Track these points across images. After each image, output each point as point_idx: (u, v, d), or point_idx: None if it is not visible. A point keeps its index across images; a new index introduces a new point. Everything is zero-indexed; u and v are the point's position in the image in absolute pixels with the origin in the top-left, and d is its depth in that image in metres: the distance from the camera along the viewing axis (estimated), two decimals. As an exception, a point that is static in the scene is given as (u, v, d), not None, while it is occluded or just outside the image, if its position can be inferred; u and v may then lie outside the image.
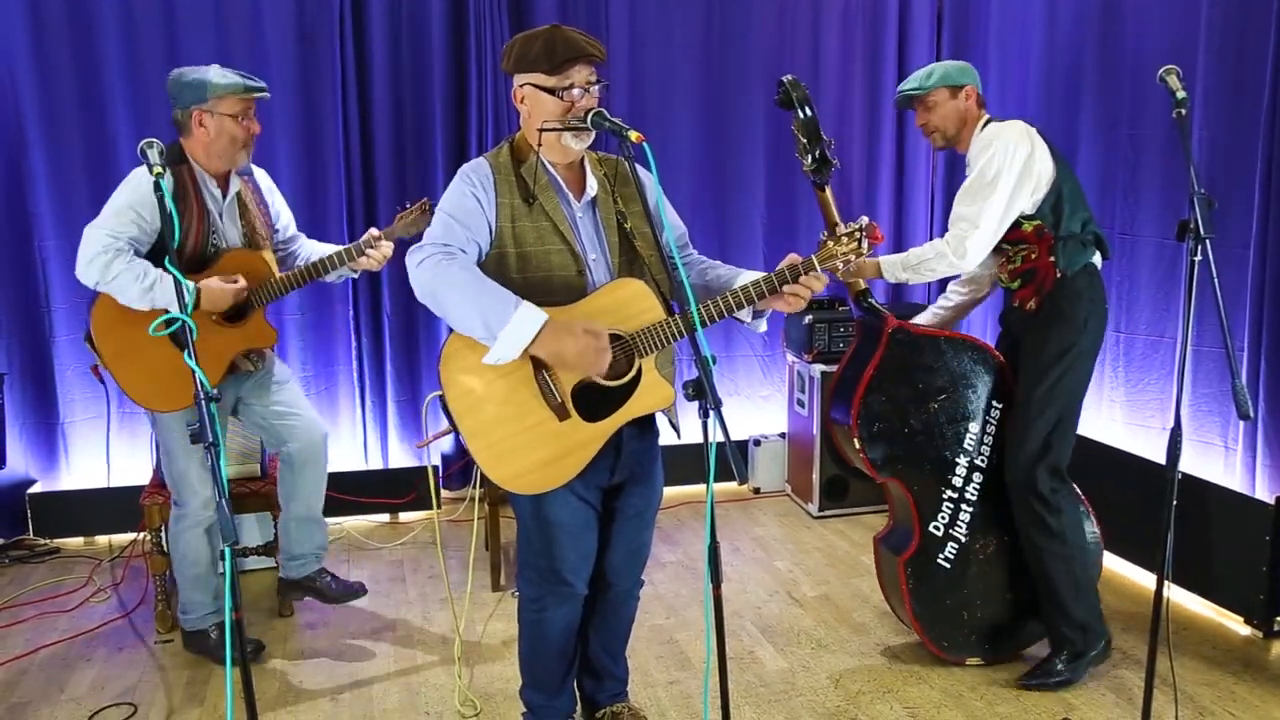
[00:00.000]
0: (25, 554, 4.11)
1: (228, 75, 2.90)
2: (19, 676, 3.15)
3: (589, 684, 2.70)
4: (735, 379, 5.04)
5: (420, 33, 4.39)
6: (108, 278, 2.80)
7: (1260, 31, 3.35)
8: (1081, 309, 2.88)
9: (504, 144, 2.34)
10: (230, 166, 2.99)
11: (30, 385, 4.21)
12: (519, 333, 2.08)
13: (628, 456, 2.39)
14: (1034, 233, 2.92)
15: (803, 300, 2.27)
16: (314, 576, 3.34)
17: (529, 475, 2.23)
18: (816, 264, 2.26)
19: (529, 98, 2.25)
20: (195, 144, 2.94)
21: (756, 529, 4.43)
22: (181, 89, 2.90)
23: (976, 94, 3.05)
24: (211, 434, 1.96)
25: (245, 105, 2.92)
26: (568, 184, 2.32)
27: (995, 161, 2.86)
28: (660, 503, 2.58)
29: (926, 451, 3.03)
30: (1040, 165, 2.88)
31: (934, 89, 3.03)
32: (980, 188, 2.88)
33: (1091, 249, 2.92)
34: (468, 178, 2.25)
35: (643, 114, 4.68)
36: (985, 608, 3.10)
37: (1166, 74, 2.41)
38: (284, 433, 3.21)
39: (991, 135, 2.92)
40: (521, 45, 2.23)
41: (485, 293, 2.11)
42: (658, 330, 2.21)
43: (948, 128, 3.06)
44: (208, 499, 3.09)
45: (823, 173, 2.88)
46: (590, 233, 2.33)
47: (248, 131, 2.93)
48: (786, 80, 2.85)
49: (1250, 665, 3.13)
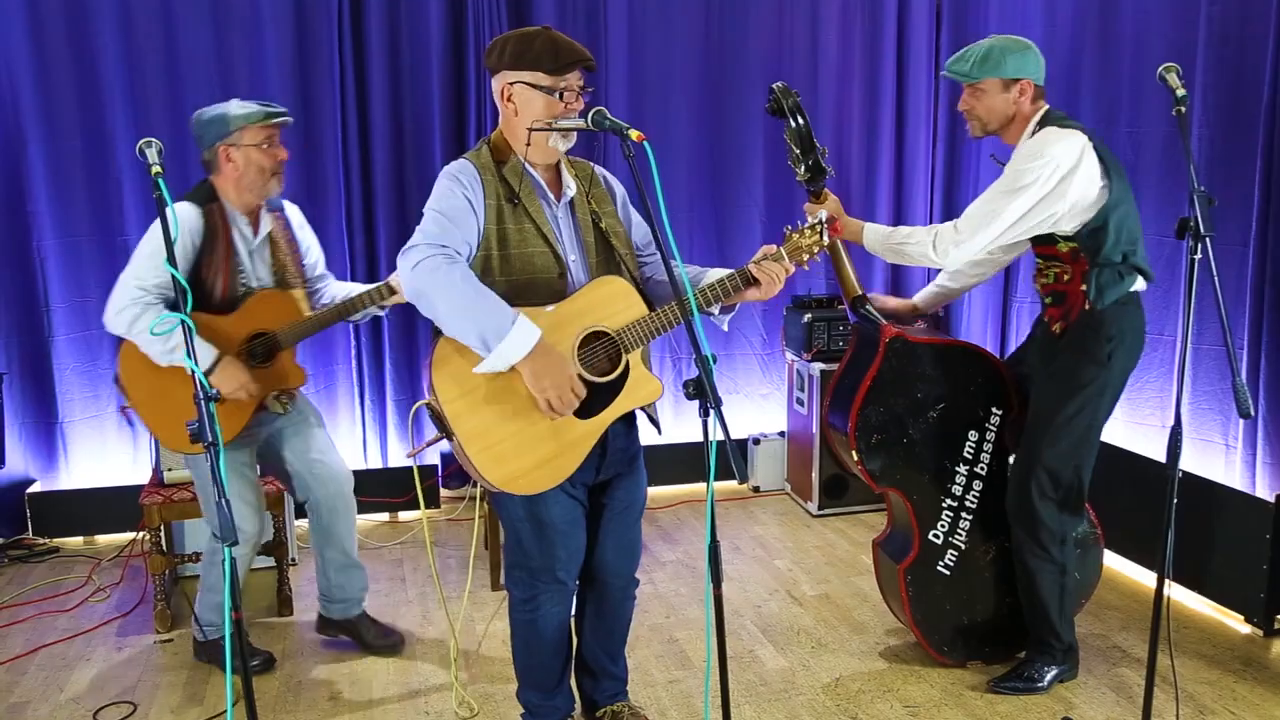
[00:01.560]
0: (24, 553, 4.11)
1: (246, 105, 2.87)
2: (18, 676, 3.15)
3: (588, 684, 2.70)
4: (735, 377, 5.04)
5: (419, 33, 4.39)
6: (133, 332, 2.78)
7: (1260, 28, 3.35)
8: (1105, 345, 2.73)
9: (482, 144, 2.34)
10: (263, 197, 2.94)
11: (29, 385, 4.21)
12: (514, 347, 2.10)
13: (613, 453, 2.41)
14: (1069, 254, 2.77)
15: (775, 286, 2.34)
16: (355, 621, 3.29)
17: (527, 476, 2.24)
18: (785, 254, 2.36)
19: (519, 96, 2.25)
20: (226, 180, 2.89)
21: (756, 528, 4.43)
22: (204, 128, 2.86)
23: (1034, 88, 2.76)
24: (211, 434, 1.96)
25: (269, 133, 2.87)
26: (548, 185, 2.34)
27: (1032, 173, 2.65)
28: (646, 498, 2.59)
29: (925, 461, 3.01)
30: (1081, 189, 2.66)
31: (984, 78, 2.76)
32: (1002, 193, 2.70)
33: (1131, 279, 2.73)
34: (456, 178, 2.24)
35: (641, 113, 4.68)
36: (985, 612, 3.09)
37: (1166, 71, 2.40)
38: (311, 483, 3.14)
39: (1042, 144, 2.67)
40: (518, 43, 2.23)
41: (483, 303, 2.12)
42: (642, 325, 2.25)
43: (990, 121, 2.80)
44: (250, 535, 3.02)
45: (817, 181, 2.85)
46: (570, 233, 2.35)
47: (275, 159, 2.89)
48: (777, 88, 2.81)
49: (1251, 663, 3.13)
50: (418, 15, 4.37)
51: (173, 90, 4.17)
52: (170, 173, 2.17)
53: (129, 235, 4.20)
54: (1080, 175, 2.65)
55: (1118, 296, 2.73)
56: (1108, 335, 2.75)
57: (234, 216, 2.92)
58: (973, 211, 2.77)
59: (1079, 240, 2.73)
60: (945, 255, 2.79)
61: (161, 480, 3.48)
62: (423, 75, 4.42)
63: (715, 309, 2.43)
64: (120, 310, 2.78)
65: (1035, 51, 2.79)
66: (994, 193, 2.74)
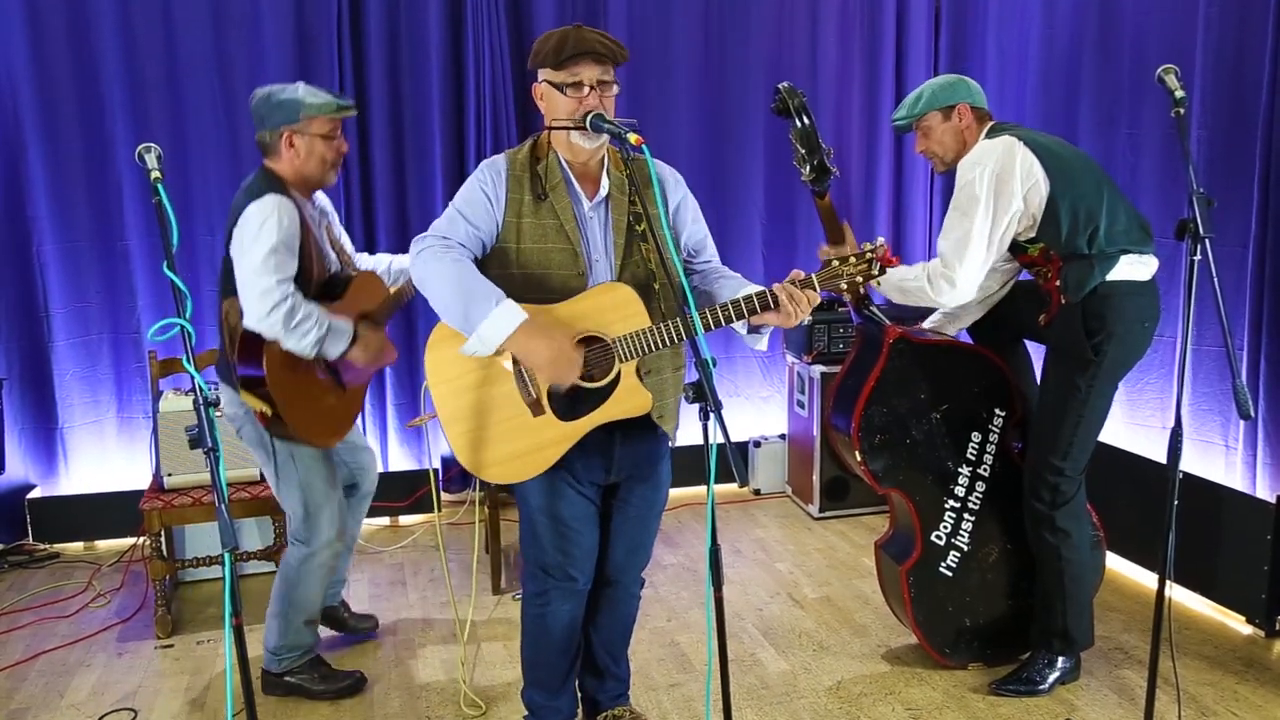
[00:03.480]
0: (25, 559, 4.10)
1: (319, 94, 2.77)
2: (19, 683, 3.14)
3: (591, 684, 2.70)
4: (735, 380, 5.04)
5: (418, 36, 4.39)
6: (290, 326, 2.61)
7: (1258, 30, 3.35)
8: (1088, 337, 2.71)
9: (529, 140, 2.36)
10: (319, 187, 2.89)
11: (29, 390, 4.21)
12: (495, 328, 2.10)
13: (622, 457, 2.39)
14: (1042, 255, 2.78)
15: (796, 316, 2.21)
16: (337, 608, 3.35)
17: (499, 465, 2.26)
18: (817, 283, 2.25)
19: (545, 94, 2.28)
20: (284, 165, 2.78)
21: (757, 531, 4.43)
22: (271, 110, 2.73)
23: (971, 109, 2.84)
24: (210, 439, 1.96)
25: (335, 125, 2.80)
26: (582, 182, 2.32)
27: (972, 186, 2.70)
28: (665, 504, 2.58)
29: (929, 463, 3.01)
30: (1019, 190, 2.68)
31: (924, 114, 2.87)
32: (960, 217, 2.74)
33: (1107, 266, 2.69)
34: (482, 173, 2.30)
35: (641, 117, 4.67)
36: (987, 614, 3.09)
37: (1165, 73, 2.40)
38: (358, 474, 3.23)
39: (971, 160, 2.75)
40: (540, 42, 2.25)
41: (470, 286, 2.14)
42: (640, 336, 2.22)
43: (946, 152, 2.89)
44: (332, 539, 2.92)
45: (822, 182, 2.84)
46: (597, 234, 2.32)
47: (338, 151, 2.82)
48: (783, 88, 2.80)
49: (1253, 664, 3.13)
50: (417, 18, 4.37)
51: (172, 94, 4.17)
52: (169, 178, 2.16)
53: (129, 240, 4.20)
54: (1018, 169, 2.67)
55: (1094, 286, 2.70)
56: (1089, 328, 2.72)
57: (301, 202, 2.82)
58: (944, 247, 2.79)
59: (1043, 238, 2.75)
60: (945, 292, 2.79)
61: (162, 485, 3.48)
62: (422, 77, 4.42)
63: (741, 328, 2.30)
64: (270, 311, 2.59)
65: (967, 81, 2.89)
66: (952, 220, 2.78)
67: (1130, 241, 2.72)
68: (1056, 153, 2.73)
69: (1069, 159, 2.75)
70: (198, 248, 4.26)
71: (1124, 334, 2.72)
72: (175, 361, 3.65)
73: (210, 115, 4.21)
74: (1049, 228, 2.72)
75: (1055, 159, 2.71)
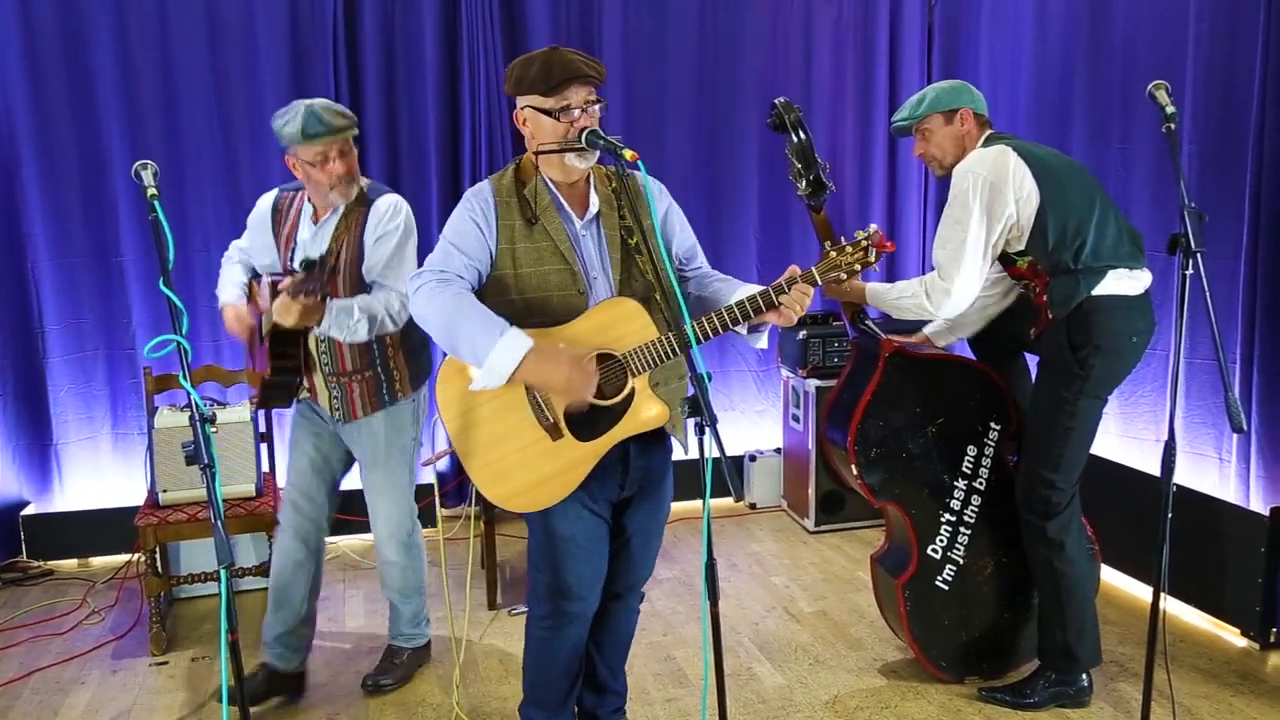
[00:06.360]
0: (19, 576, 4.09)
1: (293, 123, 2.74)
2: (13, 700, 3.13)
3: (590, 699, 2.69)
4: (730, 394, 5.05)
5: (413, 49, 4.40)
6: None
7: (1248, 46, 3.38)
8: (1074, 352, 2.71)
9: (511, 165, 2.36)
10: (328, 207, 2.89)
11: (24, 407, 4.20)
12: (503, 360, 2.08)
13: (635, 471, 2.39)
14: (1030, 269, 2.80)
15: (795, 313, 2.24)
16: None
17: (525, 494, 2.24)
18: (817, 275, 2.25)
19: (530, 120, 2.27)
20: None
21: (753, 545, 4.43)
22: (276, 136, 2.81)
23: (973, 115, 2.85)
24: (207, 455, 1.96)
25: (321, 151, 2.77)
26: (570, 202, 2.32)
27: (965, 194, 2.71)
28: (668, 517, 2.58)
29: (924, 476, 3.02)
30: (1012, 198, 2.68)
31: (926, 116, 2.87)
32: (954, 225, 2.75)
33: (1093, 280, 2.68)
34: (470, 202, 2.28)
35: (636, 131, 4.69)
36: (983, 627, 3.09)
37: (1156, 89, 2.42)
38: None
39: (965, 168, 2.75)
40: (520, 68, 2.25)
41: (472, 319, 2.12)
42: (650, 349, 2.21)
43: (945, 156, 2.88)
44: None
45: (818, 196, 2.86)
46: (592, 251, 2.33)
47: (331, 174, 2.81)
48: (779, 103, 2.81)
49: (1247, 677, 3.13)
50: (412, 34, 4.39)
51: (168, 110, 4.17)
52: (165, 195, 2.17)
53: (124, 257, 4.20)
54: (1011, 176, 2.68)
55: (1079, 301, 2.69)
56: (1073, 342, 2.72)
57: None
58: (940, 257, 2.80)
59: (1032, 251, 2.75)
60: (941, 305, 2.79)
61: (157, 502, 3.47)
62: (418, 92, 4.43)
63: (743, 329, 2.32)
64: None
65: (970, 87, 2.90)
66: (946, 229, 2.79)
67: (1118, 257, 2.72)
68: (1049, 164, 2.74)
69: (1062, 171, 2.75)
70: (193, 263, 4.26)
71: (1110, 348, 2.72)
72: (170, 378, 3.64)
73: (206, 131, 4.22)
74: (1037, 240, 2.73)
75: (1048, 170, 2.72)
